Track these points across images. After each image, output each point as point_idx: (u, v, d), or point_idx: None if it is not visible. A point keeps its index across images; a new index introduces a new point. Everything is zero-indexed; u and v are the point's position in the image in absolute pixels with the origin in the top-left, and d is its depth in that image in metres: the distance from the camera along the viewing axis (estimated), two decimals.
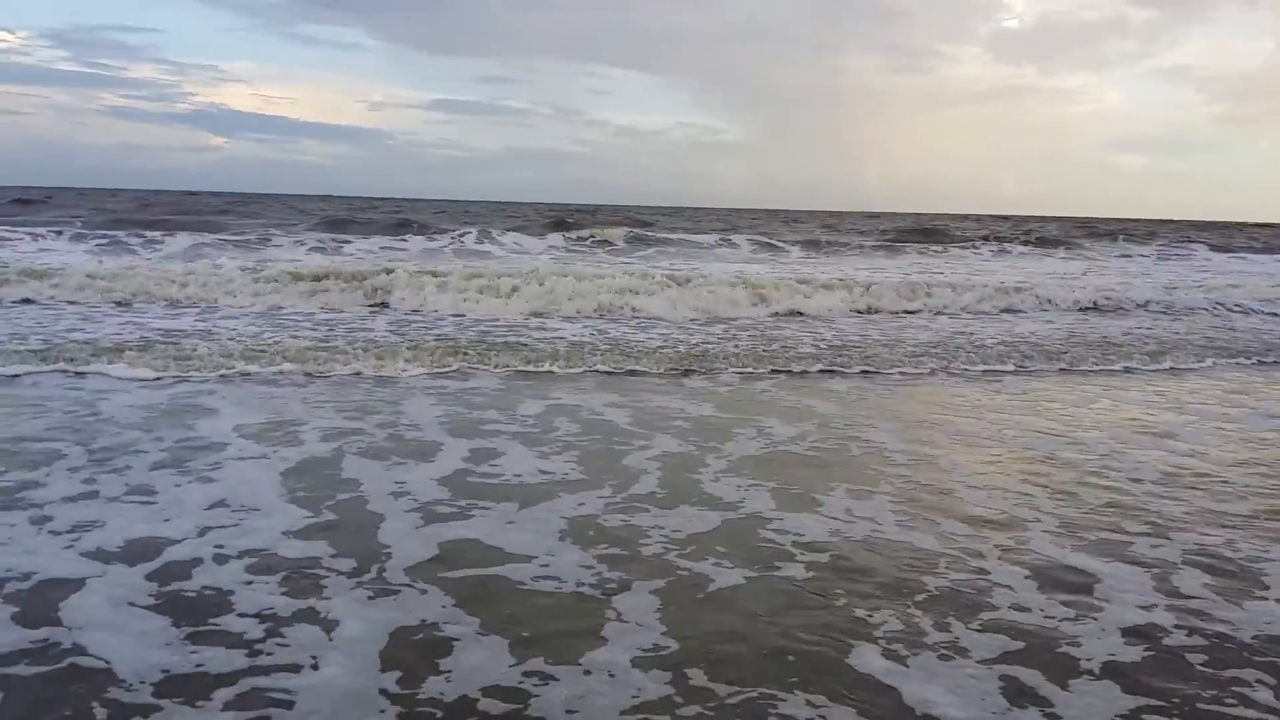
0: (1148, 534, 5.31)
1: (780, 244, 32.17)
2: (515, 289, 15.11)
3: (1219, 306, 17.74)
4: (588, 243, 29.92)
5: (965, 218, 69.77)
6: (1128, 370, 11.01)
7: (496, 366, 9.93)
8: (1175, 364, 11.53)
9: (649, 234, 33.66)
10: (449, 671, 3.61)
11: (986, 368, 10.91)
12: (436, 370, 9.64)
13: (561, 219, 39.75)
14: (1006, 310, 16.51)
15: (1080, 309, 17.01)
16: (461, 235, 29.12)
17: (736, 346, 11.86)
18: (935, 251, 32.19)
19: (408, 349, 10.63)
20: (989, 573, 4.70)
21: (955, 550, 5.00)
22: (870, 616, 4.17)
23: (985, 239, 36.53)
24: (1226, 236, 45.86)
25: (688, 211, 67.77)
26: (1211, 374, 11.00)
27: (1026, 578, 4.65)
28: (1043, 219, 70.50)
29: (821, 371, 10.34)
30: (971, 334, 13.81)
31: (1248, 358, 12.22)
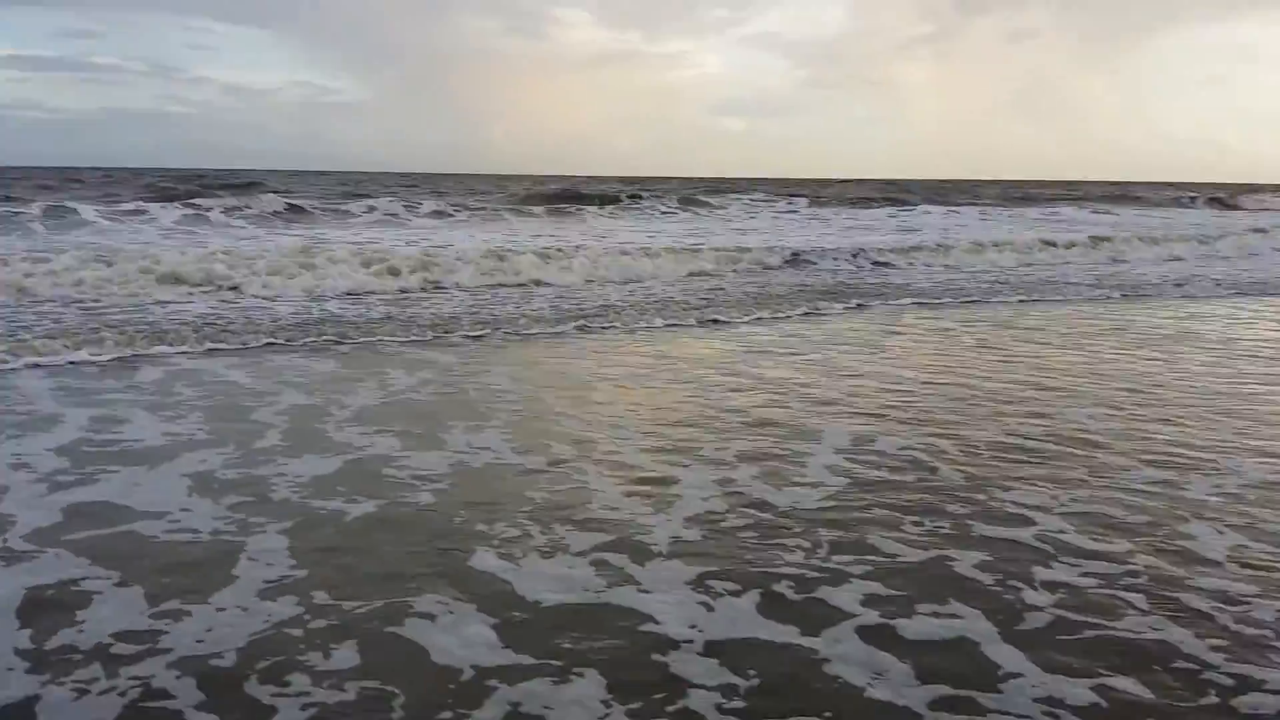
0: (713, 441, 6.34)
1: (450, 209, 31.13)
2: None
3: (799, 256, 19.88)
4: (246, 213, 26.88)
5: (591, 179, 72.21)
6: (716, 321, 12.10)
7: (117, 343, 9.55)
8: (765, 312, 13.10)
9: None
10: (83, 623, 3.78)
11: (581, 324, 11.87)
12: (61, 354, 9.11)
13: (168, 187, 36.34)
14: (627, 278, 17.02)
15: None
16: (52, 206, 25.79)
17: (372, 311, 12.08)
18: (574, 213, 32.72)
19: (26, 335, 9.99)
20: (588, 483, 5.47)
21: (561, 468, 5.74)
22: (488, 529, 4.78)
23: (615, 199, 37.76)
24: (816, 192, 50.40)
25: (310, 175, 65.25)
26: (791, 319, 12.66)
27: (617, 484, 5.46)
28: (660, 179, 74.13)
29: (446, 332, 10.81)
30: (597, 294, 14.83)
31: (835, 300, 14.05)
